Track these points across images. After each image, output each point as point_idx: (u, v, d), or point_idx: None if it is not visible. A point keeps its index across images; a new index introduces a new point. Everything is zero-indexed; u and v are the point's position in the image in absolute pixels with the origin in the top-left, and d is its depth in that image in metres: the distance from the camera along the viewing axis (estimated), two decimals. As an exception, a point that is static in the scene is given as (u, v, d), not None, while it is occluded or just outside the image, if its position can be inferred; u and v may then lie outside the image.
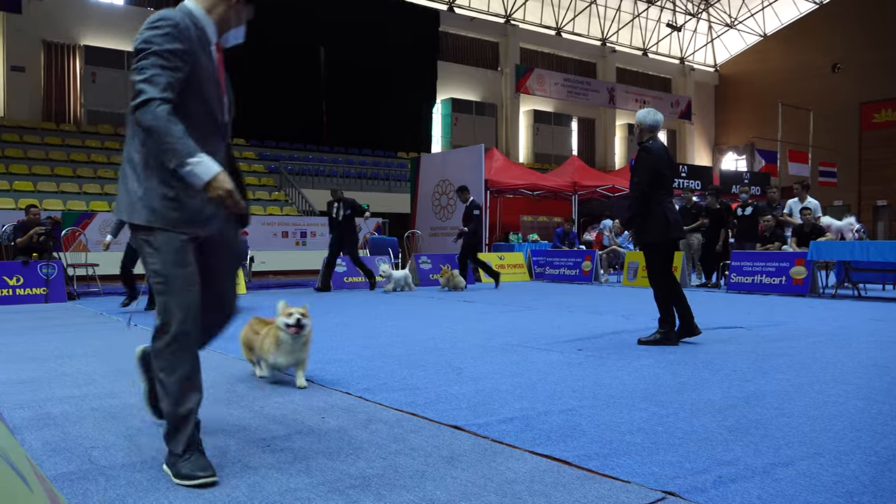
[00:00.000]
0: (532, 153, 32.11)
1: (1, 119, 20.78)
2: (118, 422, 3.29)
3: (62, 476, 2.53)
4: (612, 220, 16.65)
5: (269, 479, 2.50)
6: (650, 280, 5.87)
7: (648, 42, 36.69)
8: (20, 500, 0.97)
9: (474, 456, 2.75)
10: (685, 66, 38.11)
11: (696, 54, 38.54)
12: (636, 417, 3.31)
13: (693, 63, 38.45)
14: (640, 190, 5.70)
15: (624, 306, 8.99)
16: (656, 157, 5.72)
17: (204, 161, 2.37)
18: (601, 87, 33.96)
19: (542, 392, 3.88)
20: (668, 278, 5.82)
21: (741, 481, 2.44)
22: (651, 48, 36.95)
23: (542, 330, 6.63)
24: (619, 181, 19.13)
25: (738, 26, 37.18)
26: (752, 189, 18.44)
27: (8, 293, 9.69)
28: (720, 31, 38.10)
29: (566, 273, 14.45)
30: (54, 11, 21.73)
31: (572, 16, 33.24)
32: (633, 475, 2.51)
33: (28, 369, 4.64)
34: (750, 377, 4.29)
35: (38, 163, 19.14)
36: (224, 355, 5.16)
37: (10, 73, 21.09)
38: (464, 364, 4.77)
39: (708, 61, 39.20)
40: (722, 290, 11.93)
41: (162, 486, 2.43)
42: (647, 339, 5.71)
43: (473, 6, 30.74)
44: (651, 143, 5.83)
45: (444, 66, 29.49)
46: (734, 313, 8.07)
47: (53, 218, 12.77)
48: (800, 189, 12.53)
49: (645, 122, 5.90)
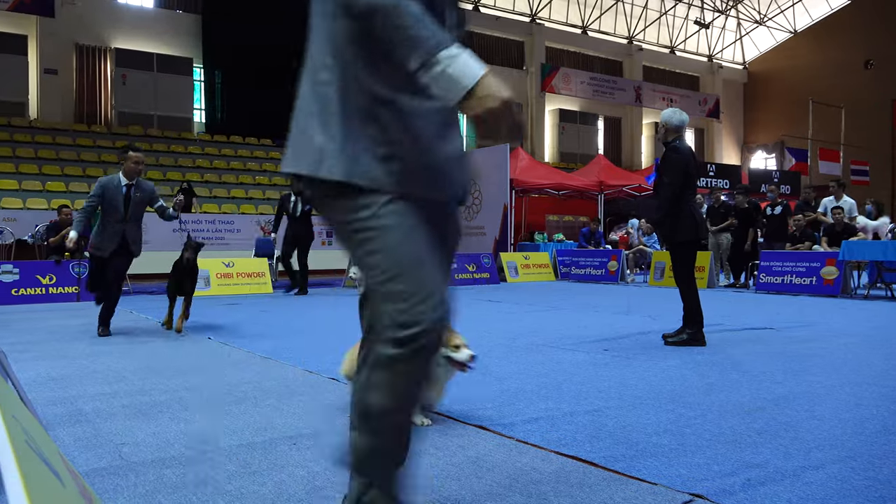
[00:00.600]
0: (557, 152, 31.97)
1: (34, 121, 21.18)
2: (148, 419, 3.33)
3: (93, 471, 2.57)
4: (639, 220, 16.52)
5: (295, 477, 2.52)
6: (679, 280, 5.85)
7: (676, 40, 36.31)
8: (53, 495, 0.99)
9: (499, 456, 2.75)
10: (713, 64, 37.65)
11: (725, 52, 38.06)
12: (663, 419, 3.28)
13: (721, 60, 37.98)
14: (672, 190, 5.68)
15: (651, 306, 8.91)
16: (685, 156, 5.72)
17: (462, 56, 1.50)
18: (627, 86, 33.69)
19: (567, 392, 3.86)
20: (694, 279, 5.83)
21: (770, 484, 2.41)
22: (678, 46, 36.56)
23: (567, 330, 6.60)
24: (646, 180, 18.97)
25: (768, 23, 36.66)
26: (781, 188, 18.15)
27: (41, 291, 9.88)
28: (749, 28, 37.59)
29: (592, 273, 14.37)
30: (86, 15, 22.10)
31: (598, 14, 33.02)
32: (660, 477, 2.49)
33: (60, 366, 4.73)
34: (779, 379, 4.22)
35: (70, 164, 19.48)
36: (250, 353, 5.21)
37: (43, 76, 21.49)
38: (489, 364, 4.77)
39: (736, 59, 38.69)
40: (751, 290, 11.78)
41: (190, 482, 2.46)
42: (675, 340, 5.67)
43: (499, 5, 30.68)
44: (678, 142, 5.82)
45: (470, 66, 29.44)
46: (763, 314, 7.96)
47: (85, 218, 12.96)
48: (836, 188, 12.30)
49: (671, 122, 5.85)
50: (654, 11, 34.59)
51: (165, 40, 23.43)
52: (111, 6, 22.81)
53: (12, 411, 1.19)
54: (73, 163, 19.63)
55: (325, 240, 17.11)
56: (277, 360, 4.93)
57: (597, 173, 18.46)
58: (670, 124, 5.85)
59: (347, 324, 7.09)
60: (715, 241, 12.88)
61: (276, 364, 4.80)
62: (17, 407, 1.35)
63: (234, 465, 2.64)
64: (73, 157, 19.98)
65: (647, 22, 34.60)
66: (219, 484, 2.44)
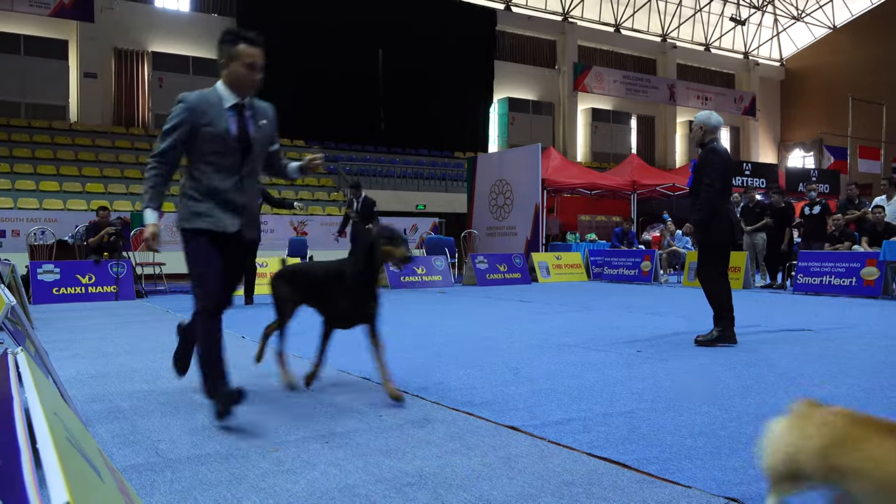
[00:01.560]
0: (590, 152, 31.74)
1: (74, 124, 21.67)
2: (184, 416, 3.39)
3: (131, 467, 2.62)
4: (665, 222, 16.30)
5: (327, 475, 2.54)
6: (707, 279, 5.82)
7: (711, 37, 35.80)
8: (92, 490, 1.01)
9: (531, 457, 2.74)
10: (749, 61, 37.04)
11: (761, 48, 37.42)
12: (697, 421, 3.24)
13: (758, 57, 37.34)
14: (714, 191, 5.62)
15: (684, 307, 8.80)
16: (724, 158, 5.69)
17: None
18: (661, 84, 33.32)
19: (600, 394, 3.83)
20: (726, 278, 5.80)
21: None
22: (713, 43, 36.04)
23: (600, 331, 6.55)
24: (680, 180, 18.71)
25: (806, 18, 35.96)
26: (819, 187, 17.79)
27: (81, 291, 10.10)
28: (786, 24, 36.91)
29: (625, 273, 14.24)
30: (124, 19, 22.55)
31: (632, 12, 32.70)
32: (695, 480, 2.46)
33: (99, 364, 4.83)
34: (818, 381, 4.14)
35: (108, 165, 19.89)
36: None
37: (83, 80, 21.98)
38: (520, 364, 4.75)
39: (773, 55, 38.01)
40: (788, 291, 11.56)
41: (224, 479, 2.49)
42: (705, 339, 5.61)
43: (531, 5, 30.56)
44: (716, 144, 5.77)
45: (501, 66, 29.42)
46: (801, 315, 7.82)
47: (123, 219, 13.24)
48: (888, 186, 11.99)
49: (708, 124, 5.80)
50: (688, 8, 34.16)
51: (201, 43, 23.78)
52: (148, 10, 23.24)
53: (54, 409, 1.22)
54: (112, 165, 20.03)
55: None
56: (309, 359, 4.96)
57: (629, 173, 18.28)
58: (708, 125, 5.79)
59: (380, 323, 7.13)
60: (750, 241, 12.68)
61: (307, 363, 4.84)
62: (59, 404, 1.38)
63: (267, 462, 2.68)
64: (112, 159, 20.39)
65: (681, 19, 34.17)
66: (252, 481, 2.47)
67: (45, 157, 19.42)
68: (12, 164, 18.38)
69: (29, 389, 1.27)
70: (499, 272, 13.51)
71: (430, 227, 17.97)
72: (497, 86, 29.20)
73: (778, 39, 37.58)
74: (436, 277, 12.87)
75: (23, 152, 19.31)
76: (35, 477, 0.87)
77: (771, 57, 37.94)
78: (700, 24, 35.14)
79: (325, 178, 22.65)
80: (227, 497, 2.32)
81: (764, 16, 36.33)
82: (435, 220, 18.36)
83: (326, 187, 22.04)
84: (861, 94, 26.80)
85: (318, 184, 22.11)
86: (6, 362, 1.54)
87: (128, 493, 1.25)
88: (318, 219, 17.26)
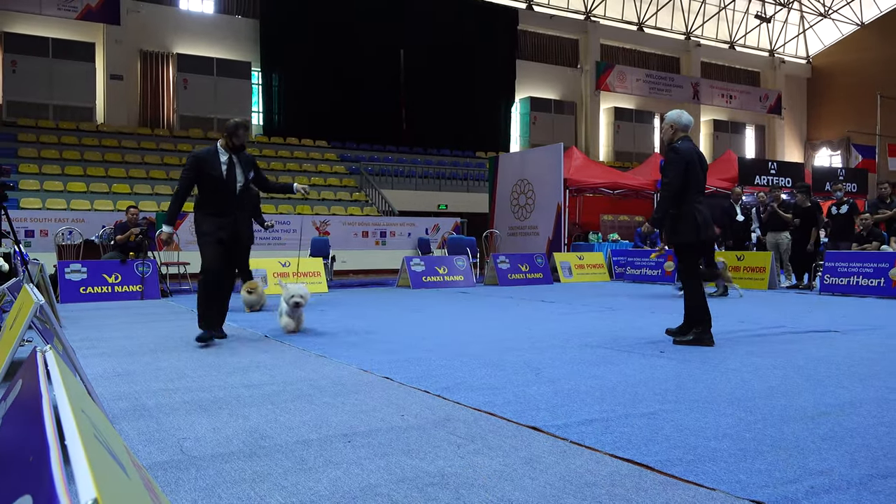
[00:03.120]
0: (612, 151, 31.55)
1: (101, 125, 21.98)
2: (208, 414, 3.42)
3: (156, 465, 2.65)
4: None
5: (350, 474, 2.55)
6: (682, 281, 5.89)
7: (735, 35, 35.41)
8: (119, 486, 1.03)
9: (553, 457, 2.73)
10: (775, 59, 36.59)
11: (787, 46, 36.96)
12: (722, 423, 3.21)
13: (783, 55, 36.88)
14: (671, 190, 5.63)
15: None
16: (686, 156, 5.64)
17: None
18: (685, 83, 33.04)
19: (622, 394, 3.81)
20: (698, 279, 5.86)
21: (835, 492, 2.33)
22: (738, 41, 35.65)
23: (622, 331, 6.50)
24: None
25: (833, 15, 35.44)
26: (847, 186, 17.51)
27: (107, 290, 10.24)
28: (813, 21, 36.41)
29: (648, 273, 14.13)
30: (150, 22, 22.83)
31: (655, 10, 32.46)
32: (719, 482, 2.44)
33: (125, 363, 4.90)
34: (845, 383, 4.08)
35: (134, 166, 20.14)
36: (306, 351, 5.30)
37: (109, 82, 22.29)
38: (542, 364, 4.74)
39: (799, 53, 37.51)
40: (814, 291, 11.40)
41: (248, 477, 2.51)
42: (682, 340, 5.67)
43: (553, 4, 30.45)
44: (680, 143, 5.75)
45: (523, 65, 29.34)
46: (828, 316, 7.70)
47: (148, 219, 13.40)
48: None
49: (679, 123, 5.83)
50: (712, 6, 33.83)
51: (225, 45, 24.02)
52: (173, 13, 23.51)
53: (81, 406, 1.24)
54: (138, 165, 20.29)
55: (379, 240, 17.28)
56: (332, 359, 5.00)
57: (653, 172, 18.12)
58: (679, 124, 5.82)
59: (402, 323, 7.15)
60: (775, 241, 12.52)
61: (330, 362, 4.87)
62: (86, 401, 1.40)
63: (290, 461, 2.69)
64: (138, 159, 20.65)
65: (705, 17, 33.86)
66: (275, 480, 2.49)
67: (72, 159, 19.72)
68: (41, 166, 18.70)
69: (57, 387, 1.29)
70: (521, 272, 13.48)
71: (452, 227, 17.98)
72: (519, 85, 29.14)
73: (804, 36, 37.08)
74: (458, 277, 12.87)
75: (51, 153, 19.63)
76: (64, 473, 0.88)
77: (797, 54, 37.45)
78: (724, 21, 34.78)
79: (348, 179, 22.75)
80: (251, 495, 2.34)
81: (790, 13, 35.87)
82: (457, 219, 18.36)
83: (349, 187, 22.14)
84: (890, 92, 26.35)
85: (341, 184, 22.22)
86: (35, 360, 1.56)
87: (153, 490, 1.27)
88: (341, 218, 17.35)
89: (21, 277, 5.98)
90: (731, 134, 34.30)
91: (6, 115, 20.69)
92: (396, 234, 17.40)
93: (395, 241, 17.31)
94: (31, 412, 1.21)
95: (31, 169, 18.34)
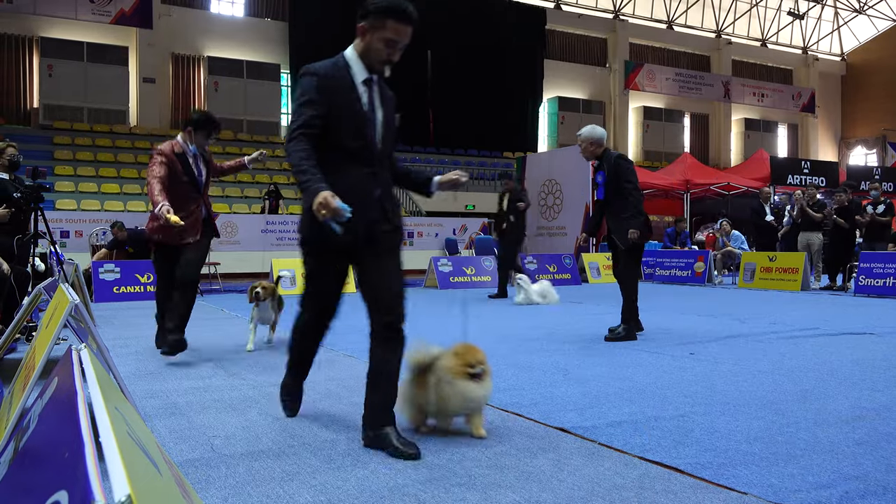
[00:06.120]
0: (641, 151, 31.26)
1: (134, 128, 22.35)
2: (238, 413, 3.46)
3: (187, 462, 2.68)
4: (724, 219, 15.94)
5: (377, 474, 2.56)
6: (630, 276, 6.28)
7: (767, 32, 34.87)
8: (151, 482, 1.04)
9: (581, 459, 2.71)
10: (808, 56, 35.95)
11: (821, 43, 36.29)
12: (753, 426, 3.16)
13: (817, 52, 36.22)
14: (639, 195, 6.02)
15: (739, 309, 8.59)
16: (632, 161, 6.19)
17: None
18: (715, 81, 32.61)
19: (651, 396, 3.77)
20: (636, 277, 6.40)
21: (870, 498, 2.28)
22: (770, 38, 35.09)
23: (651, 332, 6.44)
24: (735, 179, 18.30)
25: (868, 11, 34.73)
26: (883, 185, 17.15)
27: (140, 290, 10.40)
28: (847, 18, 35.71)
29: (677, 274, 13.98)
30: (181, 26, 23.16)
31: (685, 8, 32.10)
32: (750, 486, 2.40)
33: (157, 361, 4.97)
34: (881, 387, 4.00)
35: (166, 168, 20.41)
36: (334, 351, 5.33)
37: (142, 85, 22.65)
38: (570, 365, 4.71)
39: (834, 50, 36.82)
40: (849, 293, 11.18)
41: (277, 475, 2.54)
42: (615, 336, 5.94)
43: (581, 3, 30.27)
44: (613, 151, 6.15)
45: (551, 65, 29.21)
46: (863, 318, 7.55)
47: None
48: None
49: (594, 136, 6.16)
50: (744, 3, 33.36)
51: (255, 47, 24.26)
52: (204, 16, 23.82)
53: (115, 403, 1.26)
54: (169, 167, 20.55)
55: (406, 240, 17.30)
56: (360, 359, 5.02)
57: (682, 172, 17.95)
58: (594, 137, 6.12)
59: (427, 322, 7.15)
60: (806, 241, 12.30)
61: (359, 362, 4.89)
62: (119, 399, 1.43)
63: (318, 460, 2.71)
64: (169, 161, 20.91)
65: (736, 14, 33.39)
66: (304, 478, 2.51)
67: (106, 161, 20.07)
68: (76, 167, 19.06)
69: (92, 384, 1.31)
70: (548, 272, 13.41)
71: (480, 228, 17.96)
72: (547, 85, 29.00)
73: (838, 33, 36.39)
74: (485, 278, 12.85)
75: (85, 156, 20.00)
76: (98, 469, 0.90)
77: (831, 51, 36.76)
78: (756, 18, 34.26)
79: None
80: (280, 493, 2.36)
81: (824, 9, 35.23)
82: (484, 220, 18.33)
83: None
84: (928, 89, 25.73)
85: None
86: (71, 358, 1.60)
87: (185, 488, 1.28)
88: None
89: (57, 277, 6.10)
90: (762, 133, 33.79)
91: (42, 118, 21.13)
92: (424, 235, 17.43)
93: (423, 242, 17.34)
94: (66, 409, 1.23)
95: (66, 171, 18.70)
